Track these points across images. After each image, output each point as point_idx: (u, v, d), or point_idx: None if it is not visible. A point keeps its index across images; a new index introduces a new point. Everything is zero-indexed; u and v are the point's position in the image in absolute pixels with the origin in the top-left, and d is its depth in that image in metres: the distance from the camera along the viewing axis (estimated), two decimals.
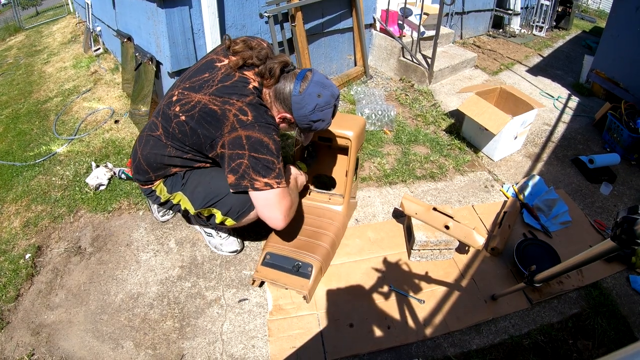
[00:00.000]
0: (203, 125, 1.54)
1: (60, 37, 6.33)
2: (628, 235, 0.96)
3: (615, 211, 2.54)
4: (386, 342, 1.76)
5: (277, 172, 1.55)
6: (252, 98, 1.54)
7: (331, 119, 1.70)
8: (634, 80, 3.51)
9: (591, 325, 1.86)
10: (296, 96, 1.58)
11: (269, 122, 1.55)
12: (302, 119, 1.63)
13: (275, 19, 3.07)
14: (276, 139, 1.56)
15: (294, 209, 1.72)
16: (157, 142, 1.69)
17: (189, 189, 1.77)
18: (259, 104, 1.56)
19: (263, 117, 1.54)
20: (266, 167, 1.52)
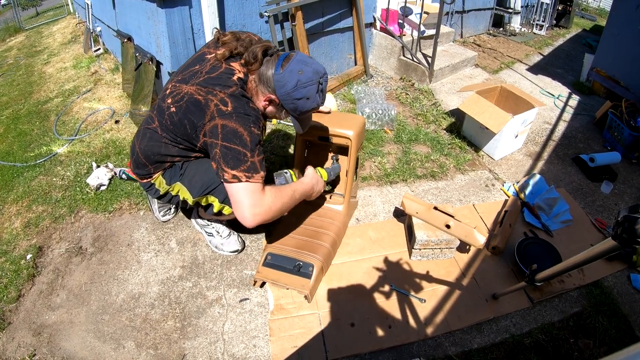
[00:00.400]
0: (188, 115, 1.57)
1: (60, 37, 6.33)
2: (629, 234, 0.96)
3: (616, 210, 2.54)
4: (387, 342, 1.76)
5: (249, 166, 1.50)
6: (234, 89, 1.55)
7: (319, 99, 1.63)
8: (635, 78, 3.50)
9: (592, 324, 1.86)
10: (278, 74, 1.56)
11: (248, 113, 1.53)
12: (285, 98, 1.59)
13: (276, 19, 3.07)
14: (253, 131, 1.52)
15: (274, 210, 1.60)
16: (153, 134, 1.72)
17: (187, 178, 1.79)
18: (240, 95, 1.56)
19: (243, 108, 1.53)
20: (236, 158, 1.49)
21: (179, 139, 1.68)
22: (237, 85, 1.57)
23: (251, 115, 1.54)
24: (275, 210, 1.59)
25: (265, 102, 1.66)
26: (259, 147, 1.56)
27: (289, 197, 1.67)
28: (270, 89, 1.60)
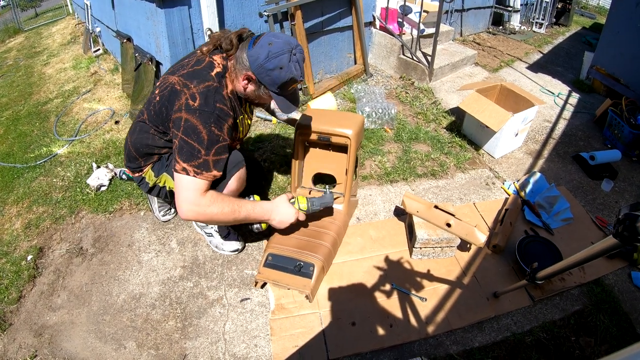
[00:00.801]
0: (166, 103, 1.62)
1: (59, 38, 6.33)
2: (630, 232, 0.96)
3: (616, 208, 2.54)
4: (388, 341, 1.76)
5: (200, 163, 1.53)
6: (209, 84, 1.58)
7: (295, 70, 1.60)
8: (635, 76, 3.50)
9: (593, 322, 1.86)
10: (250, 51, 1.59)
11: (213, 112, 1.55)
12: (260, 71, 1.59)
13: (275, 18, 3.07)
14: (213, 130, 1.54)
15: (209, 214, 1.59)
16: (143, 126, 1.78)
17: (171, 168, 1.79)
18: (214, 92, 1.58)
19: (209, 106, 1.55)
20: (190, 153, 1.52)
21: (161, 127, 1.72)
22: (214, 80, 1.60)
23: (215, 114, 1.56)
24: (209, 215, 1.59)
25: (244, 82, 1.66)
26: (218, 148, 1.57)
27: (230, 210, 1.64)
28: (245, 67, 1.61)
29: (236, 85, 1.69)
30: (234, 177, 1.74)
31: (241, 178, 1.79)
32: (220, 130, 1.57)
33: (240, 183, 1.79)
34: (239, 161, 1.78)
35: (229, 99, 1.65)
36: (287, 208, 1.82)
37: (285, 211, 1.82)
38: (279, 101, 1.69)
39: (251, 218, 1.74)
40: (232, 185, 1.75)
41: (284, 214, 1.81)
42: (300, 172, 2.32)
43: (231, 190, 1.76)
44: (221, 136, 1.57)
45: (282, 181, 2.60)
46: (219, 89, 1.60)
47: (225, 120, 1.59)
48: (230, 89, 1.69)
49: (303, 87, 3.55)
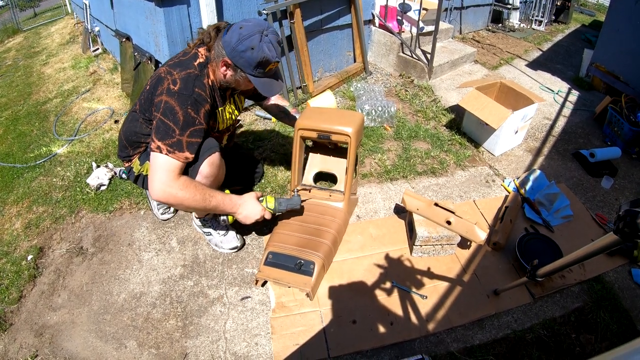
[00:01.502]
0: (152, 90, 1.70)
1: (58, 38, 6.33)
2: (631, 228, 0.95)
3: (616, 205, 2.54)
4: (389, 338, 1.76)
5: (174, 142, 1.58)
6: (191, 71, 1.65)
7: (268, 50, 1.63)
8: (634, 73, 3.49)
9: (594, 319, 1.86)
10: (224, 37, 1.66)
11: (191, 95, 1.61)
12: (234, 55, 1.64)
13: (274, 16, 3.07)
14: (189, 112, 1.60)
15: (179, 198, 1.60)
16: (133, 116, 1.87)
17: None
18: (194, 78, 1.65)
19: (188, 89, 1.61)
20: (165, 132, 1.58)
21: (147, 114, 1.78)
22: (196, 69, 1.68)
23: (192, 97, 1.61)
24: (180, 199, 1.61)
25: (223, 69, 1.71)
26: (193, 130, 1.62)
27: (200, 197, 1.65)
28: (222, 53, 1.67)
29: (217, 74, 1.75)
30: (206, 162, 1.75)
31: (214, 163, 1.79)
32: (197, 114, 1.63)
33: (213, 168, 1.79)
34: (212, 146, 1.80)
35: (209, 87, 1.72)
36: (255, 205, 1.84)
37: (252, 208, 1.83)
38: (257, 84, 1.72)
39: (220, 209, 1.75)
40: (205, 169, 1.76)
41: (250, 210, 1.83)
42: (300, 170, 2.31)
43: (204, 175, 1.77)
44: (197, 119, 1.63)
45: (282, 179, 2.60)
46: (199, 77, 1.68)
47: (202, 105, 1.65)
48: (212, 78, 1.76)
49: (303, 86, 3.55)
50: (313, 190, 2.30)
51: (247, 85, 1.79)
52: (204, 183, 1.80)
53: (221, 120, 1.90)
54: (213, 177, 1.82)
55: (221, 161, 1.86)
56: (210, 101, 1.72)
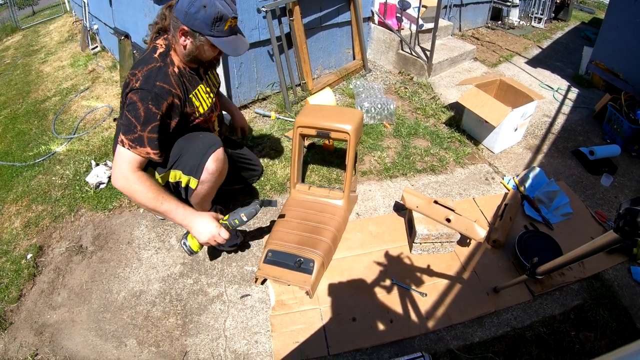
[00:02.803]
0: (123, 95, 1.69)
1: (57, 36, 6.31)
2: (631, 226, 0.95)
3: (616, 203, 2.54)
4: (389, 336, 1.76)
5: (136, 137, 1.58)
6: (152, 65, 1.64)
7: (220, 6, 1.60)
8: (634, 71, 3.49)
9: (593, 316, 1.86)
10: (176, 6, 1.63)
11: (152, 90, 1.59)
12: (188, 19, 1.60)
13: (273, 14, 3.06)
14: (150, 108, 1.58)
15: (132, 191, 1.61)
16: (118, 125, 1.82)
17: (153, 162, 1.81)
18: (156, 72, 1.63)
19: (149, 85, 1.60)
20: (128, 127, 1.58)
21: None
22: (157, 61, 1.66)
23: (153, 92, 1.59)
24: (133, 192, 1.61)
25: (182, 39, 1.66)
26: (154, 126, 1.60)
27: (153, 197, 1.62)
28: (177, 24, 1.63)
29: (180, 50, 1.70)
30: (212, 158, 1.75)
31: (219, 159, 1.79)
32: (158, 109, 1.60)
33: (219, 164, 1.79)
34: (214, 142, 1.79)
35: (175, 75, 1.69)
36: (208, 223, 1.70)
37: (204, 226, 1.69)
38: (220, 44, 1.66)
39: (170, 216, 1.68)
40: (211, 166, 1.76)
41: (201, 226, 1.69)
42: (299, 168, 2.31)
43: (210, 171, 1.77)
44: (158, 114, 1.60)
45: (281, 177, 2.60)
46: (162, 68, 1.65)
47: (164, 99, 1.62)
48: (177, 64, 1.72)
49: (302, 83, 3.55)
50: (312, 188, 2.30)
51: (211, 51, 1.72)
52: (209, 180, 1.81)
53: (199, 103, 1.83)
54: (218, 172, 1.81)
55: (225, 156, 1.85)
56: (179, 90, 1.68)
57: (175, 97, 1.66)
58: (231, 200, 2.43)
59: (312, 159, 2.76)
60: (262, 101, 3.46)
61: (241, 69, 3.16)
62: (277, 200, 1.90)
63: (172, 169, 1.80)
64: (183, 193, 1.89)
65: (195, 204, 2.00)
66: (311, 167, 2.69)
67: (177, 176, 1.81)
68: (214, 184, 1.87)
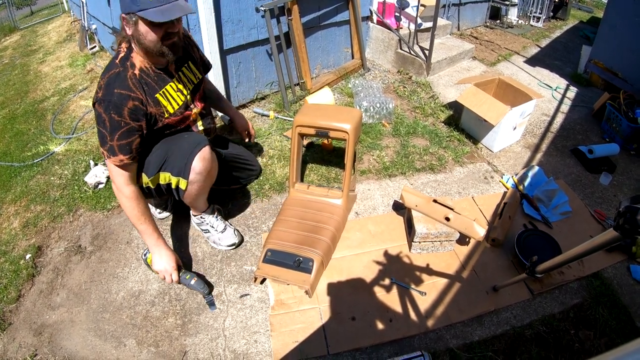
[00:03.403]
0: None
1: (55, 36, 6.29)
2: (631, 224, 0.95)
3: (615, 201, 2.54)
4: (388, 335, 1.76)
5: (109, 147, 1.63)
6: (112, 72, 1.64)
7: None
8: (633, 70, 3.49)
9: (592, 315, 1.86)
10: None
11: (111, 99, 1.59)
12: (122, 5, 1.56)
13: (272, 13, 3.06)
14: (113, 117, 1.59)
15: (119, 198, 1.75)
16: None
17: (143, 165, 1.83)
18: (114, 78, 1.62)
19: (109, 94, 1.60)
20: (102, 138, 1.64)
21: None
22: (117, 66, 1.65)
23: (112, 101, 1.59)
24: (121, 203, 1.77)
25: (127, 29, 1.62)
26: (121, 133, 1.62)
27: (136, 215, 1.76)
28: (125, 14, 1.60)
29: (135, 47, 1.68)
30: (197, 157, 1.76)
31: (205, 158, 1.78)
32: (120, 116, 1.60)
33: (205, 163, 1.79)
34: (200, 141, 1.79)
35: (134, 78, 1.66)
36: (167, 260, 1.83)
37: (163, 260, 1.83)
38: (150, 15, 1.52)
39: (143, 237, 1.83)
40: (198, 166, 1.76)
41: (161, 259, 1.83)
42: (298, 167, 2.31)
43: (197, 171, 1.77)
44: (122, 121, 1.61)
45: (280, 176, 2.60)
46: (120, 73, 1.63)
47: (124, 105, 1.61)
48: (140, 65, 1.69)
49: (300, 82, 3.54)
50: (311, 187, 2.30)
51: (151, 34, 1.59)
52: (198, 180, 1.80)
53: (167, 102, 1.77)
54: (206, 171, 1.81)
55: (212, 155, 1.84)
56: (138, 93, 1.64)
57: (135, 100, 1.63)
58: (231, 200, 2.43)
59: (311, 158, 2.76)
60: (260, 100, 3.46)
61: (239, 68, 3.16)
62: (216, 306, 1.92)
63: (161, 171, 1.80)
64: (175, 194, 1.89)
65: (188, 203, 2.01)
66: (310, 167, 2.69)
67: (166, 178, 1.82)
68: (203, 183, 1.86)
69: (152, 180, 1.83)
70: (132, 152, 1.66)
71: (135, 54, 1.69)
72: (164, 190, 1.89)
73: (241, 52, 3.11)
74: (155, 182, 1.84)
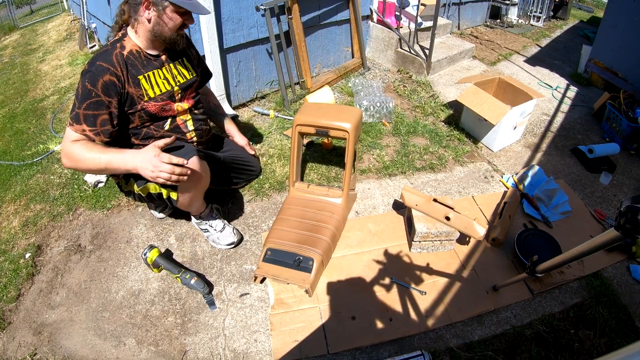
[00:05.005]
0: None
1: (55, 35, 6.28)
2: (632, 224, 0.95)
3: (615, 201, 2.54)
4: (388, 334, 1.76)
5: (74, 115, 1.62)
6: (102, 50, 1.71)
7: None
8: (633, 69, 3.49)
9: (592, 314, 1.86)
10: None
11: (90, 70, 1.63)
12: None
13: (272, 12, 3.05)
14: (86, 85, 1.61)
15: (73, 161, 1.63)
16: None
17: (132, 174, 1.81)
18: (100, 53, 1.68)
19: (90, 65, 1.64)
20: (72, 106, 1.65)
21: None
22: (107, 46, 1.72)
23: (91, 71, 1.62)
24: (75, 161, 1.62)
25: (146, 13, 1.68)
26: (90, 103, 1.62)
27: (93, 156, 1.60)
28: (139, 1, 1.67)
29: (143, 31, 1.73)
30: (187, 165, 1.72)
31: (195, 168, 1.75)
32: (93, 86, 1.61)
33: (195, 175, 1.76)
34: (188, 151, 1.77)
35: (119, 56, 1.69)
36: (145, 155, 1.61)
37: (143, 160, 1.60)
38: (185, 5, 1.68)
39: (114, 165, 1.63)
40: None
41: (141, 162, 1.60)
42: (298, 166, 2.31)
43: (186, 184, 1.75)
44: (93, 91, 1.62)
45: (280, 176, 2.59)
46: (107, 50, 1.69)
47: (100, 76, 1.63)
48: (130, 48, 1.74)
49: (300, 81, 3.54)
50: (311, 186, 2.30)
51: (173, 21, 1.70)
52: (187, 192, 1.80)
53: (148, 86, 1.78)
54: (196, 183, 1.80)
55: (202, 165, 1.80)
56: (119, 69, 1.67)
57: (113, 75, 1.65)
58: (230, 199, 2.43)
59: (311, 157, 2.76)
60: (260, 99, 3.46)
61: (239, 67, 3.15)
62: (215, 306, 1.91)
63: (150, 182, 1.78)
64: (168, 203, 1.88)
65: (184, 210, 2.00)
66: (310, 166, 2.69)
67: (156, 188, 1.80)
68: (194, 194, 1.86)
69: (142, 190, 1.83)
70: (96, 126, 1.64)
71: (127, 39, 1.75)
72: (155, 197, 1.87)
73: (241, 51, 3.11)
74: (145, 191, 1.84)
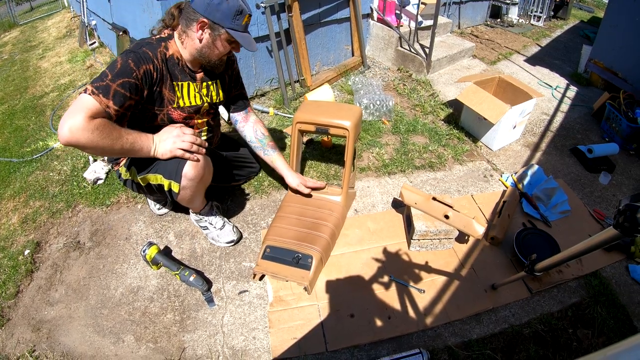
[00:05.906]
0: None
1: (55, 31, 6.28)
2: (631, 222, 0.95)
3: (614, 201, 2.54)
4: (387, 332, 1.76)
5: (102, 85, 1.47)
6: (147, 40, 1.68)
7: (241, 0, 1.65)
8: (633, 70, 3.49)
9: (591, 314, 1.86)
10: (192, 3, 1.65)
11: (135, 50, 1.60)
12: (209, 10, 1.61)
13: (272, 10, 3.05)
14: (129, 63, 1.54)
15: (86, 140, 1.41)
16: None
17: (135, 161, 1.83)
18: (147, 42, 1.66)
19: (136, 47, 1.62)
20: (100, 77, 1.50)
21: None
22: (153, 40, 1.69)
23: (137, 52, 1.59)
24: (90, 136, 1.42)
25: (199, 33, 1.66)
26: (125, 81, 1.51)
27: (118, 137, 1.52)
28: (195, 17, 1.64)
29: (191, 46, 1.71)
30: (189, 163, 1.72)
31: (198, 164, 1.75)
32: (137, 67, 1.56)
33: (198, 169, 1.75)
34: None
35: (161, 55, 1.67)
36: (168, 133, 1.70)
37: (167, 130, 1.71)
38: (239, 38, 1.69)
39: (137, 146, 1.61)
40: (189, 172, 1.73)
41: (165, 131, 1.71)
42: (298, 164, 2.31)
43: (188, 177, 1.74)
44: (135, 72, 1.55)
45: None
46: (153, 45, 1.66)
47: (144, 62, 1.59)
48: (170, 53, 1.72)
49: (300, 79, 3.54)
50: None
51: (224, 47, 1.72)
52: (190, 185, 1.78)
53: (181, 95, 1.79)
54: (199, 177, 1.78)
55: (205, 160, 1.80)
56: (159, 65, 1.65)
57: (155, 69, 1.64)
58: (230, 196, 2.43)
59: (310, 155, 2.76)
60: (260, 97, 3.46)
61: (239, 64, 3.15)
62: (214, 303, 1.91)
63: (151, 172, 1.79)
64: (169, 196, 1.87)
65: (184, 205, 2.00)
66: (309, 163, 2.69)
67: (157, 179, 1.79)
68: (196, 188, 1.85)
69: (143, 179, 1.83)
70: (121, 108, 1.51)
71: (172, 43, 1.73)
72: (155, 189, 1.87)
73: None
74: (145, 181, 1.83)
